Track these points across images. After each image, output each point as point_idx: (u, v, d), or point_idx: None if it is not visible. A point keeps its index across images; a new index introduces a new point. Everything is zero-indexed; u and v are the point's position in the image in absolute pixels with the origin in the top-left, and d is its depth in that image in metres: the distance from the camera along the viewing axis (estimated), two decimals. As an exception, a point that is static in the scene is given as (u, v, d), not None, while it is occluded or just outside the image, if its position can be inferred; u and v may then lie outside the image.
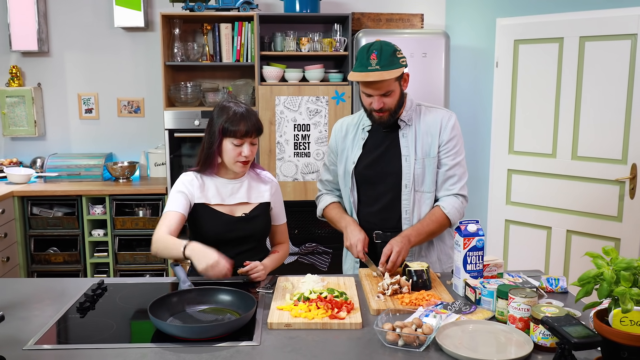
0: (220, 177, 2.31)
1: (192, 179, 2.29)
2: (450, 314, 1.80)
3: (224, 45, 4.20)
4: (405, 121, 2.35)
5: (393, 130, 2.37)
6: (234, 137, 2.19)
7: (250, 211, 2.31)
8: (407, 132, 2.35)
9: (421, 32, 4.08)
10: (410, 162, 2.33)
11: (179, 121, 4.10)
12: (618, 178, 3.61)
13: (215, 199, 2.28)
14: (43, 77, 4.58)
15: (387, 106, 2.24)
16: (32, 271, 4.14)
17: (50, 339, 1.72)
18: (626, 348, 1.37)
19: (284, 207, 2.49)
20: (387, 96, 2.23)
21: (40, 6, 4.39)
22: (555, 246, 3.95)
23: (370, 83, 2.20)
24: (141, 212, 4.20)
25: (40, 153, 4.61)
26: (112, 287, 2.14)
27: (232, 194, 2.30)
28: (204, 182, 2.29)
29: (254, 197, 2.34)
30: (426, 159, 2.34)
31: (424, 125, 2.35)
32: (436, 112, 2.39)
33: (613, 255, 1.47)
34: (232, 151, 2.21)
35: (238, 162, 2.23)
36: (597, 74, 3.64)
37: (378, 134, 2.39)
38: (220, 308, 1.89)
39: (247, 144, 2.23)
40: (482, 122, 4.32)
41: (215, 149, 2.23)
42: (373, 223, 2.41)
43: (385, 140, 2.38)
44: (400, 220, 2.38)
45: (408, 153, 2.33)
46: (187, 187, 2.27)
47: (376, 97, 2.22)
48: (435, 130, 2.34)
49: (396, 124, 2.36)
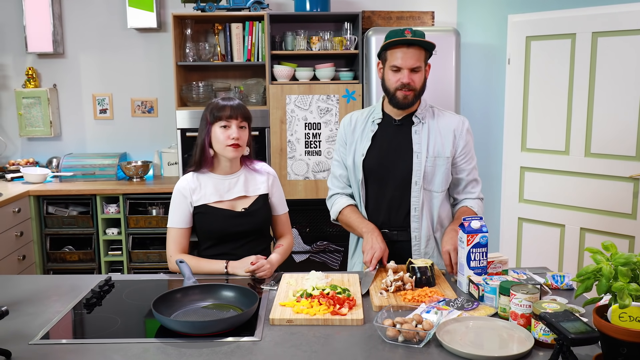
0: (216, 174, 2.36)
1: (187, 183, 2.34)
2: (453, 310, 1.80)
3: (235, 44, 4.23)
4: (420, 118, 2.37)
5: (405, 126, 2.37)
6: (220, 120, 2.26)
7: (249, 205, 2.36)
8: (420, 130, 2.36)
9: (432, 30, 4.06)
10: (422, 159, 2.33)
11: (191, 120, 4.13)
12: (632, 175, 3.58)
13: (213, 196, 2.32)
14: (58, 78, 4.65)
15: (414, 84, 2.27)
16: (48, 269, 4.21)
17: (56, 333, 1.74)
18: (625, 344, 1.36)
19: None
20: (416, 72, 2.27)
21: (55, 8, 4.46)
22: (569, 244, 3.92)
23: (403, 53, 2.24)
24: (154, 210, 4.25)
25: (55, 153, 4.68)
26: (119, 283, 2.17)
27: (230, 189, 2.34)
28: (200, 182, 2.34)
29: (251, 189, 2.39)
30: (437, 159, 2.35)
31: (437, 126, 2.37)
32: (451, 117, 2.42)
33: (612, 251, 1.45)
34: (221, 135, 2.27)
35: (228, 146, 2.27)
36: (610, 70, 3.61)
37: (389, 127, 2.39)
38: (223, 304, 1.90)
39: (235, 127, 2.27)
40: (494, 119, 4.29)
41: (206, 141, 2.29)
42: (380, 221, 2.40)
43: (397, 135, 2.38)
44: (408, 217, 2.37)
45: (420, 150, 2.34)
46: (183, 194, 2.33)
47: (406, 71, 2.25)
48: (450, 133, 2.37)
49: (409, 119, 2.37)
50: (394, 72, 2.28)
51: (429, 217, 2.38)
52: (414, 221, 2.37)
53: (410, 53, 2.24)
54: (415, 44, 2.25)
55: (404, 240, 2.39)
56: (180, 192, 2.33)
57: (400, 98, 2.29)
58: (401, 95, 2.28)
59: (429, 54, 2.32)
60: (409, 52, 2.24)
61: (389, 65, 2.29)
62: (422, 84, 2.32)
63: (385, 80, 2.33)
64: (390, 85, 2.30)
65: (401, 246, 2.39)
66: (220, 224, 2.31)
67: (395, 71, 2.27)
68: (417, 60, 2.25)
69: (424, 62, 2.30)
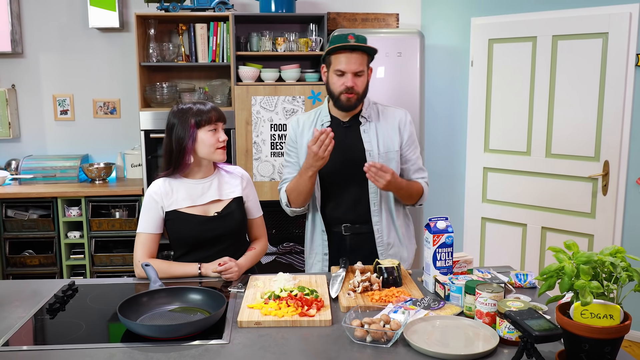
0: (190, 179, 2.32)
1: (158, 188, 2.29)
2: (419, 310, 1.82)
3: (200, 45, 4.19)
4: (366, 117, 2.48)
5: (353, 126, 2.47)
6: (208, 124, 2.25)
7: (222, 209, 2.32)
8: (368, 128, 2.47)
9: (396, 32, 4.10)
10: (374, 156, 2.44)
11: (155, 122, 4.08)
12: (591, 175, 3.67)
13: (185, 202, 2.28)
14: (17, 79, 4.54)
15: (357, 88, 2.36)
16: (8, 274, 4.10)
17: (18, 340, 1.71)
18: (587, 340, 1.39)
19: (260, 202, 2.50)
20: (359, 76, 2.36)
21: (14, 7, 4.35)
22: (531, 243, 4.00)
23: (347, 58, 2.33)
24: (118, 213, 4.18)
25: (14, 155, 4.56)
26: (83, 288, 2.13)
27: (203, 193, 2.31)
28: (172, 188, 2.29)
29: (225, 193, 2.35)
30: (389, 153, 2.47)
31: (384, 122, 2.50)
32: (394, 111, 2.55)
33: (574, 250, 1.49)
34: (210, 139, 2.25)
35: (218, 149, 2.28)
36: (569, 73, 3.69)
37: (338, 130, 2.44)
38: (190, 307, 1.89)
39: (221, 130, 2.29)
40: (458, 120, 4.35)
41: (188, 147, 2.24)
42: (342, 218, 2.50)
43: (347, 135, 2.47)
44: (369, 213, 2.49)
45: (371, 147, 2.45)
46: (154, 199, 2.28)
47: (350, 75, 2.34)
48: (395, 127, 2.50)
49: (357, 120, 2.47)
50: (338, 76, 2.38)
51: (387, 209, 2.51)
52: (374, 215, 2.48)
53: (354, 58, 2.34)
54: (358, 49, 2.35)
55: (367, 232, 2.51)
56: (152, 196, 2.28)
57: (344, 101, 2.39)
58: (345, 99, 2.39)
59: (371, 58, 2.43)
60: (352, 57, 2.34)
61: (333, 69, 2.39)
62: (365, 87, 2.42)
63: (330, 84, 2.42)
64: (335, 88, 2.40)
65: (366, 237, 2.51)
66: (191, 229, 2.27)
67: (339, 75, 2.37)
68: (359, 65, 2.35)
69: (366, 66, 2.40)
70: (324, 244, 2.54)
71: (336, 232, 2.53)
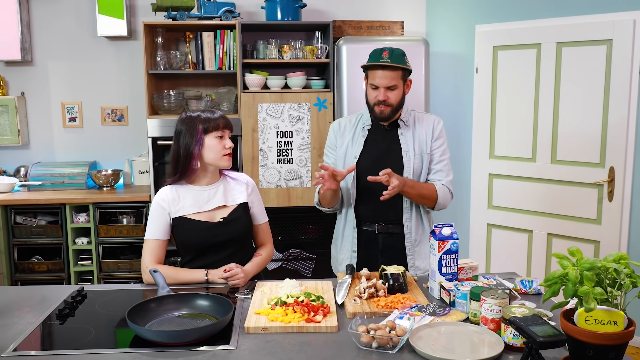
0: (196, 186, 2.35)
1: (165, 195, 2.33)
2: (425, 316, 1.84)
3: (207, 53, 4.23)
4: (404, 122, 2.61)
5: (392, 130, 2.61)
6: (216, 131, 2.29)
7: (228, 214, 2.34)
8: (406, 132, 2.61)
9: (401, 39, 4.12)
10: (410, 157, 2.57)
11: (162, 129, 4.11)
12: (597, 181, 3.67)
13: (192, 208, 2.31)
14: (27, 86, 4.59)
15: (390, 101, 2.49)
16: (16, 280, 4.13)
17: (29, 345, 1.73)
18: (591, 346, 1.41)
19: (266, 209, 2.54)
20: (392, 90, 2.48)
21: (24, 16, 4.40)
22: (536, 249, 4.00)
23: (380, 73, 2.46)
24: (125, 219, 4.21)
25: (23, 162, 4.60)
26: (92, 294, 2.16)
27: (209, 199, 2.34)
28: (179, 195, 2.33)
29: (230, 199, 2.39)
30: (423, 155, 2.60)
31: (419, 126, 2.63)
32: (428, 117, 2.69)
33: (578, 256, 1.50)
34: (217, 145, 2.30)
35: (224, 156, 2.32)
36: (574, 79, 3.70)
37: (378, 132, 2.62)
38: (198, 313, 1.91)
39: (228, 137, 2.33)
40: (463, 127, 4.37)
41: (195, 153, 2.28)
42: (375, 215, 2.60)
43: (385, 138, 2.61)
44: (402, 212, 2.60)
45: (407, 149, 2.58)
46: (161, 206, 2.31)
47: (382, 89, 2.47)
48: (429, 130, 2.63)
49: (396, 124, 2.61)
50: (372, 89, 2.51)
51: (417, 207, 2.62)
52: (405, 212, 2.60)
53: (387, 74, 2.46)
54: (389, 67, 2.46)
55: (398, 233, 2.61)
56: (159, 203, 2.32)
57: (378, 112, 2.53)
58: (378, 110, 2.52)
59: (408, 72, 2.53)
60: (385, 73, 2.46)
61: (369, 83, 2.53)
62: (400, 99, 2.52)
63: (367, 95, 2.57)
64: (370, 100, 2.55)
65: (396, 237, 2.61)
66: (198, 235, 2.30)
67: (373, 89, 2.51)
68: (391, 80, 2.47)
69: (401, 79, 2.51)
70: (353, 241, 2.64)
71: (367, 231, 2.62)
